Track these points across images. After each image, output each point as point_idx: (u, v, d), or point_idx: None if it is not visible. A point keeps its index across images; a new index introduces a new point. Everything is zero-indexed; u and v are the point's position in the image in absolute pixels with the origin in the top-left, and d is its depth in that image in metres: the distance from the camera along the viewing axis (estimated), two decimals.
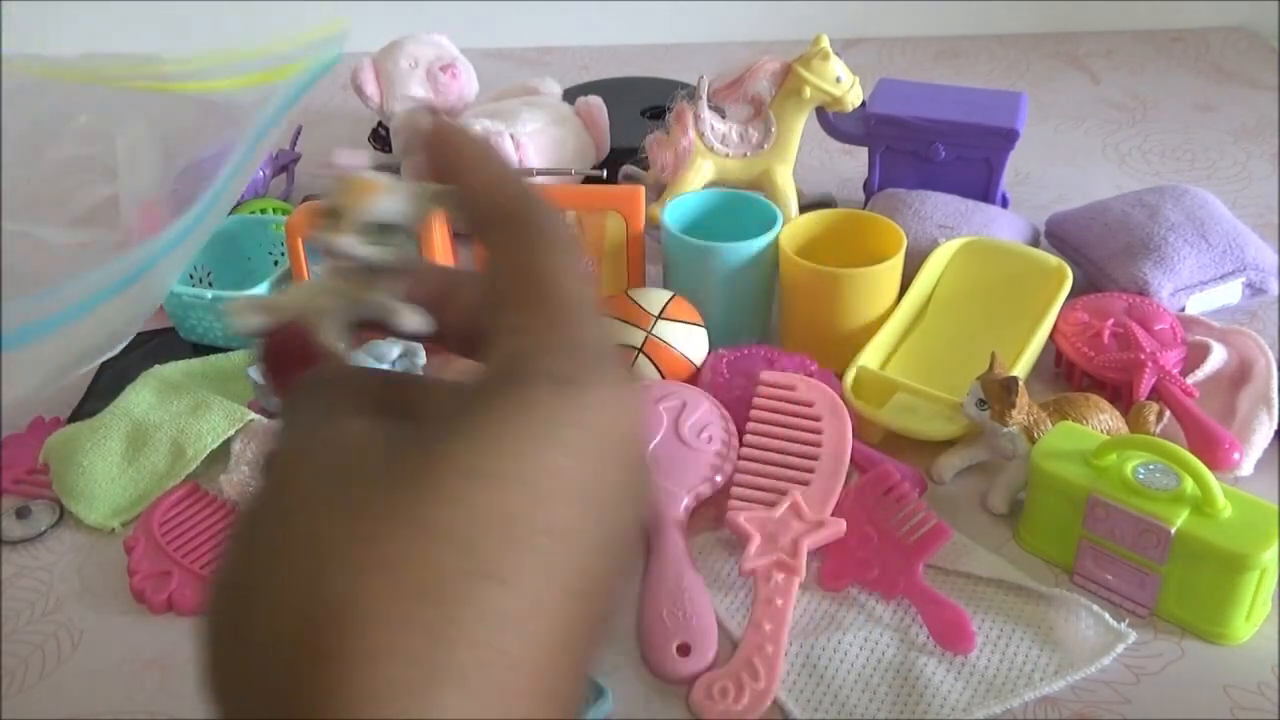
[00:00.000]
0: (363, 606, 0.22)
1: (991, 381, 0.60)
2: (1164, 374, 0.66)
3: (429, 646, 0.21)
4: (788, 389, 0.62)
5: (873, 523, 0.57)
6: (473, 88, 0.93)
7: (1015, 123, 0.80)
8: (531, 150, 0.83)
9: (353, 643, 0.21)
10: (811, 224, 0.74)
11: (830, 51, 0.78)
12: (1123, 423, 0.62)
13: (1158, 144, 1.00)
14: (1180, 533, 0.52)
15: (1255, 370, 0.68)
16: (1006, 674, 0.52)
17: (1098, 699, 0.52)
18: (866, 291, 0.69)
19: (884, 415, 0.65)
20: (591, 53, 1.21)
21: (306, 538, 0.23)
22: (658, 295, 0.69)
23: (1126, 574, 0.55)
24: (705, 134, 0.79)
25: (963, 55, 1.18)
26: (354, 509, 0.23)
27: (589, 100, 0.88)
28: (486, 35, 1.19)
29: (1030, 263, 0.72)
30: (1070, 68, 1.15)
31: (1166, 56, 1.16)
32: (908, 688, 0.52)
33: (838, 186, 0.91)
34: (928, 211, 0.78)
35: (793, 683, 0.52)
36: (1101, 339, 0.68)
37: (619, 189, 0.74)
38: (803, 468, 0.59)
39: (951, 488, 0.63)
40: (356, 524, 0.23)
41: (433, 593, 0.22)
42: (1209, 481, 0.52)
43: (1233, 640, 0.54)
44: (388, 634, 0.21)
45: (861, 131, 0.83)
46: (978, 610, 0.55)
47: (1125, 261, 0.74)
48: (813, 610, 0.56)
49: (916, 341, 0.71)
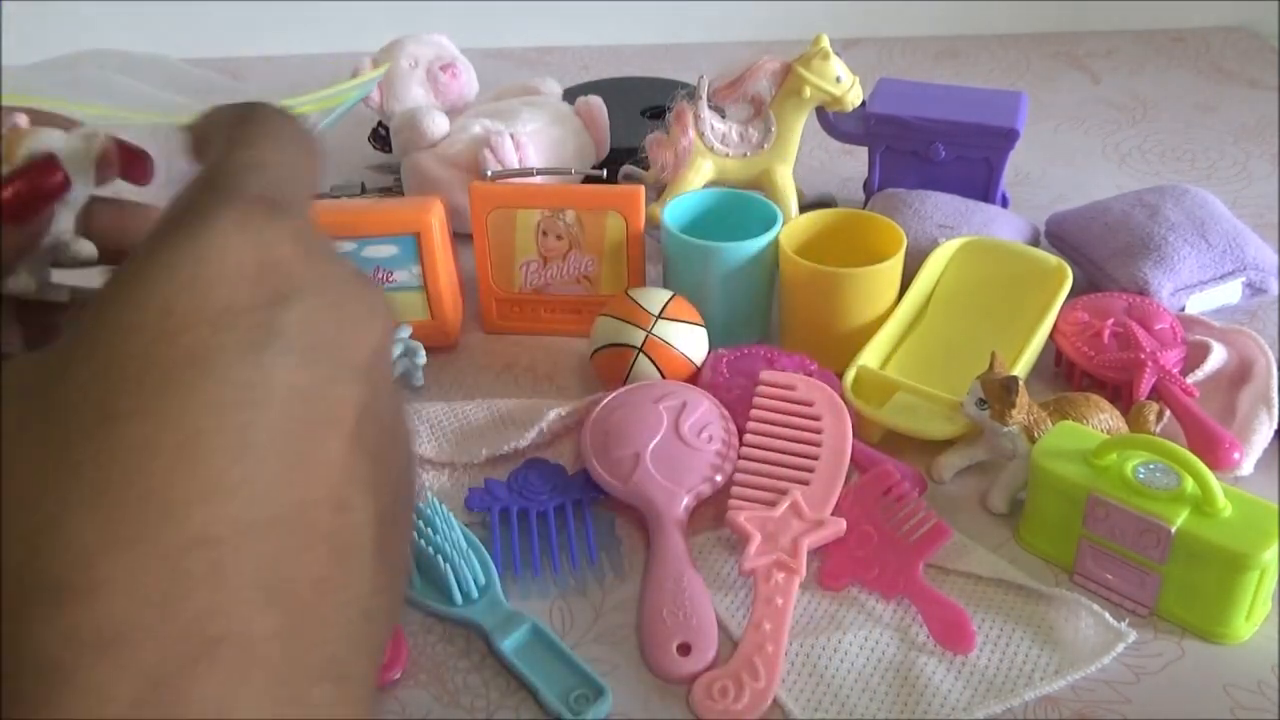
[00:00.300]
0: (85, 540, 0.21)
1: (991, 381, 0.60)
2: (1164, 374, 0.66)
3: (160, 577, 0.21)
4: (788, 389, 0.62)
5: (873, 522, 0.57)
6: (473, 88, 0.93)
7: (1015, 123, 0.80)
8: (531, 150, 0.83)
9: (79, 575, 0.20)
10: (811, 224, 0.74)
11: (830, 51, 0.78)
12: (1123, 422, 0.62)
13: (1158, 144, 1.00)
14: (1180, 532, 0.52)
15: (1255, 370, 0.68)
16: (1007, 674, 0.52)
17: (1098, 699, 0.52)
18: (866, 291, 0.69)
19: (884, 415, 0.65)
20: (591, 53, 1.21)
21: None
22: (658, 295, 0.69)
23: (1126, 574, 0.55)
24: (705, 134, 0.79)
25: (963, 55, 1.18)
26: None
27: (589, 100, 0.88)
28: (486, 35, 1.19)
29: (1030, 262, 0.72)
30: (1070, 68, 1.15)
31: (1166, 56, 1.16)
32: (908, 687, 0.52)
33: (838, 186, 0.91)
34: (928, 211, 0.78)
35: (793, 682, 0.52)
36: (1101, 339, 0.68)
37: (619, 189, 0.74)
38: (803, 467, 0.59)
39: (951, 488, 0.63)
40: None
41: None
42: (1209, 481, 0.52)
43: (1233, 640, 0.54)
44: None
45: (861, 131, 0.83)
46: (978, 610, 0.55)
47: (1125, 261, 0.74)
48: (813, 610, 0.56)
49: (916, 341, 0.71)
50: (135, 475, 0.21)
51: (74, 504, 0.21)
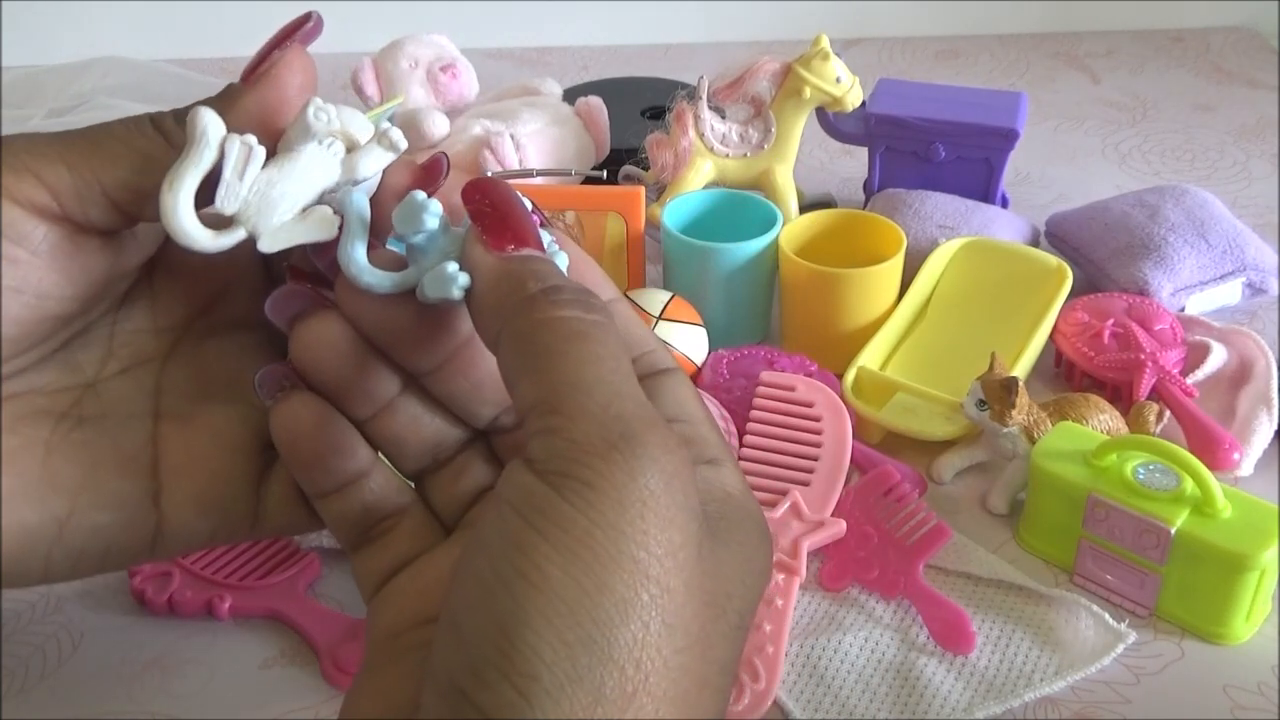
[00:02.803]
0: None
1: (991, 382, 0.60)
2: (1164, 374, 0.66)
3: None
4: (788, 389, 0.62)
5: (873, 523, 0.57)
6: (473, 88, 0.93)
7: (1015, 123, 0.80)
8: (531, 150, 0.83)
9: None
10: (811, 224, 0.74)
11: (830, 51, 0.78)
12: (1123, 423, 0.62)
13: (1158, 144, 1.00)
14: (1180, 533, 0.52)
15: (1255, 370, 0.68)
16: (1006, 674, 0.52)
17: (1098, 699, 0.52)
18: (866, 291, 0.69)
19: (884, 415, 0.65)
20: (591, 53, 1.21)
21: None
22: (658, 295, 0.69)
23: (1126, 574, 0.55)
24: (705, 134, 0.79)
25: (963, 55, 1.18)
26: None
27: (589, 100, 0.88)
28: (486, 35, 1.19)
29: (1030, 263, 0.72)
30: (1070, 68, 1.15)
31: (1166, 56, 1.16)
32: (908, 688, 0.52)
33: (838, 186, 0.91)
34: (928, 211, 0.78)
35: (793, 683, 0.52)
36: (1101, 339, 0.68)
37: (619, 189, 0.74)
38: (803, 468, 0.59)
39: (951, 488, 0.63)
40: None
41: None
42: (1209, 481, 0.52)
43: (1233, 640, 0.54)
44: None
45: (861, 131, 0.83)
46: (978, 610, 0.55)
47: (1125, 261, 0.74)
48: (813, 610, 0.56)
49: (916, 341, 0.71)
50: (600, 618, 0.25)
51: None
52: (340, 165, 0.31)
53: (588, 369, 0.27)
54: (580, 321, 0.27)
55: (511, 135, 0.82)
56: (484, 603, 0.25)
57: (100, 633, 0.57)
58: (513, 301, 0.28)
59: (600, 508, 0.25)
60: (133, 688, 0.54)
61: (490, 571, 0.25)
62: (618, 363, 0.27)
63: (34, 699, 0.54)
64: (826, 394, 0.62)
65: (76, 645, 0.56)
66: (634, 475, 0.25)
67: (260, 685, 0.53)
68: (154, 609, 0.57)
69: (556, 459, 0.26)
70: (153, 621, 0.57)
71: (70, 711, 0.53)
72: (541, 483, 0.25)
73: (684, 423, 0.30)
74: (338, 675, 0.53)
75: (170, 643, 0.56)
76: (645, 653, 0.25)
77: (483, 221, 0.29)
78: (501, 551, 0.25)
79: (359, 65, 0.91)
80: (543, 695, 0.24)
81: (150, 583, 0.57)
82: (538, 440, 0.26)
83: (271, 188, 0.30)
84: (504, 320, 0.28)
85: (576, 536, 0.25)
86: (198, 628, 0.56)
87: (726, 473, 0.30)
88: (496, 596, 0.25)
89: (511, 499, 0.26)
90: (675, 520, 0.26)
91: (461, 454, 0.33)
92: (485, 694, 0.24)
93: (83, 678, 0.54)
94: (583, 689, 0.24)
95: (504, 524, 0.26)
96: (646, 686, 0.25)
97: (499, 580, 0.25)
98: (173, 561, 0.57)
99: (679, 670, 0.25)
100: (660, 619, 0.25)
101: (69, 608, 0.58)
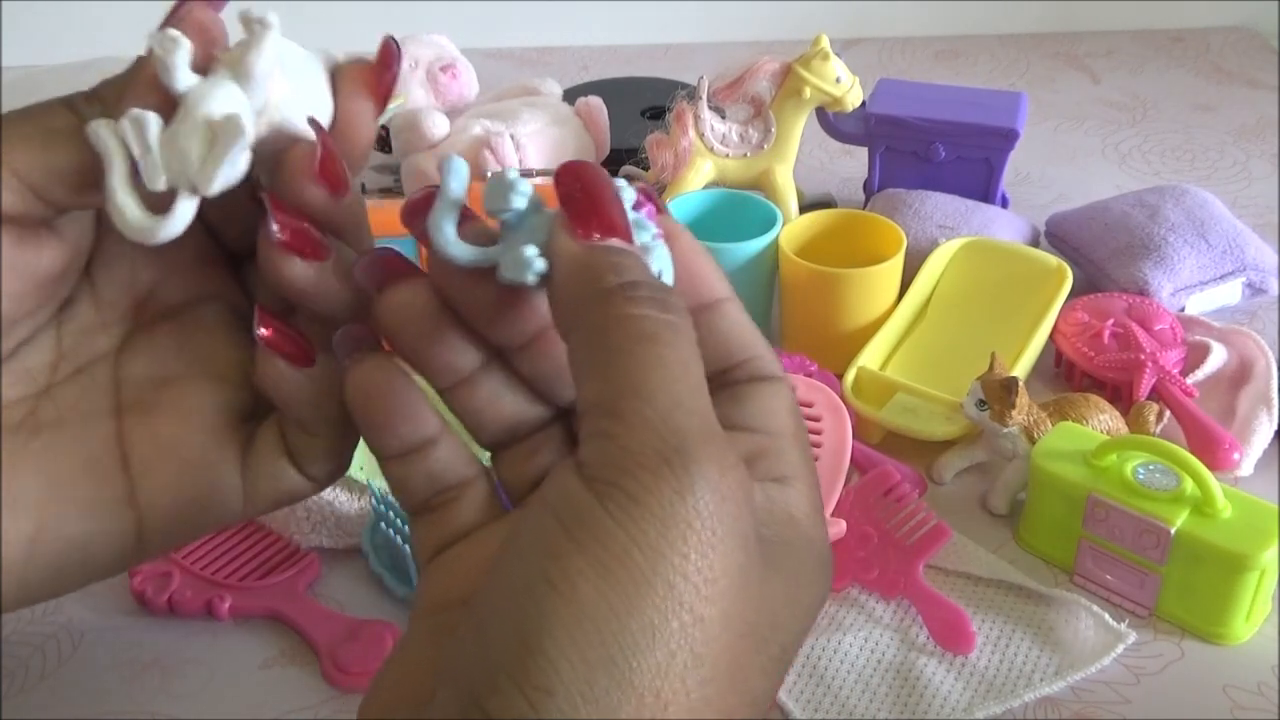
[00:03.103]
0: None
1: (991, 382, 0.60)
2: (1164, 374, 0.66)
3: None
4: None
5: (873, 523, 0.57)
6: (473, 88, 0.93)
7: (1015, 123, 0.80)
8: (531, 151, 0.83)
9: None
10: (811, 224, 0.74)
11: (830, 52, 0.78)
12: (1123, 423, 0.62)
13: (1158, 144, 1.00)
14: (1180, 533, 0.52)
15: (1255, 370, 0.68)
16: (1006, 674, 0.52)
17: (1098, 699, 0.52)
18: (866, 291, 0.69)
19: (884, 415, 0.65)
20: (591, 53, 1.21)
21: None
22: None
23: (1126, 574, 0.55)
24: (705, 134, 0.79)
25: (963, 55, 1.18)
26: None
27: (589, 100, 0.88)
28: (486, 35, 1.19)
29: (1030, 263, 0.72)
30: (1070, 68, 1.15)
31: (1166, 56, 1.16)
32: (908, 688, 0.52)
33: (838, 186, 0.91)
34: (928, 211, 0.78)
35: (793, 683, 0.52)
36: (1101, 339, 0.68)
37: None
38: None
39: (951, 488, 0.63)
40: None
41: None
42: (1209, 482, 0.52)
43: (1233, 640, 0.54)
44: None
45: (861, 131, 0.83)
46: (978, 610, 0.55)
47: (1125, 261, 0.74)
48: None
49: (916, 341, 0.71)
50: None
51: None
52: (228, 75, 0.30)
53: (652, 374, 0.25)
54: (653, 322, 0.26)
55: (511, 135, 0.82)
56: (510, 607, 0.24)
57: (100, 633, 0.57)
58: (588, 293, 0.26)
59: (642, 525, 0.24)
60: (133, 688, 0.54)
61: (521, 576, 0.25)
62: (685, 369, 0.26)
63: (34, 699, 0.54)
64: (826, 394, 0.61)
65: (76, 645, 0.56)
66: (683, 494, 0.24)
67: (260, 685, 0.53)
68: (154, 609, 0.57)
69: (606, 466, 0.25)
70: (153, 621, 0.57)
71: (70, 711, 0.53)
72: (586, 490, 0.25)
73: (762, 434, 0.29)
74: (338, 675, 0.53)
75: (170, 643, 0.56)
76: (667, 682, 0.24)
77: (571, 206, 0.27)
78: (534, 558, 0.25)
79: None
80: (554, 711, 0.23)
81: (150, 583, 0.57)
82: (591, 444, 0.25)
83: (178, 139, 0.29)
84: (578, 312, 0.27)
85: (614, 553, 0.24)
86: (198, 628, 0.56)
87: (794, 494, 0.29)
88: (523, 603, 0.24)
89: (554, 503, 0.25)
90: (720, 546, 0.25)
91: (540, 432, 0.32)
92: (496, 699, 0.24)
93: (83, 678, 0.54)
94: (596, 710, 0.23)
95: (542, 529, 0.25)
96: (665, 715, 0.24)
97: (527, 587, 0.24)
98: (173, 561, 0.57)
99: (701, 702, 0.25)
100: (689, 649, 0.24)
101: (69, 608, 0.58)
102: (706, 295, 0.30)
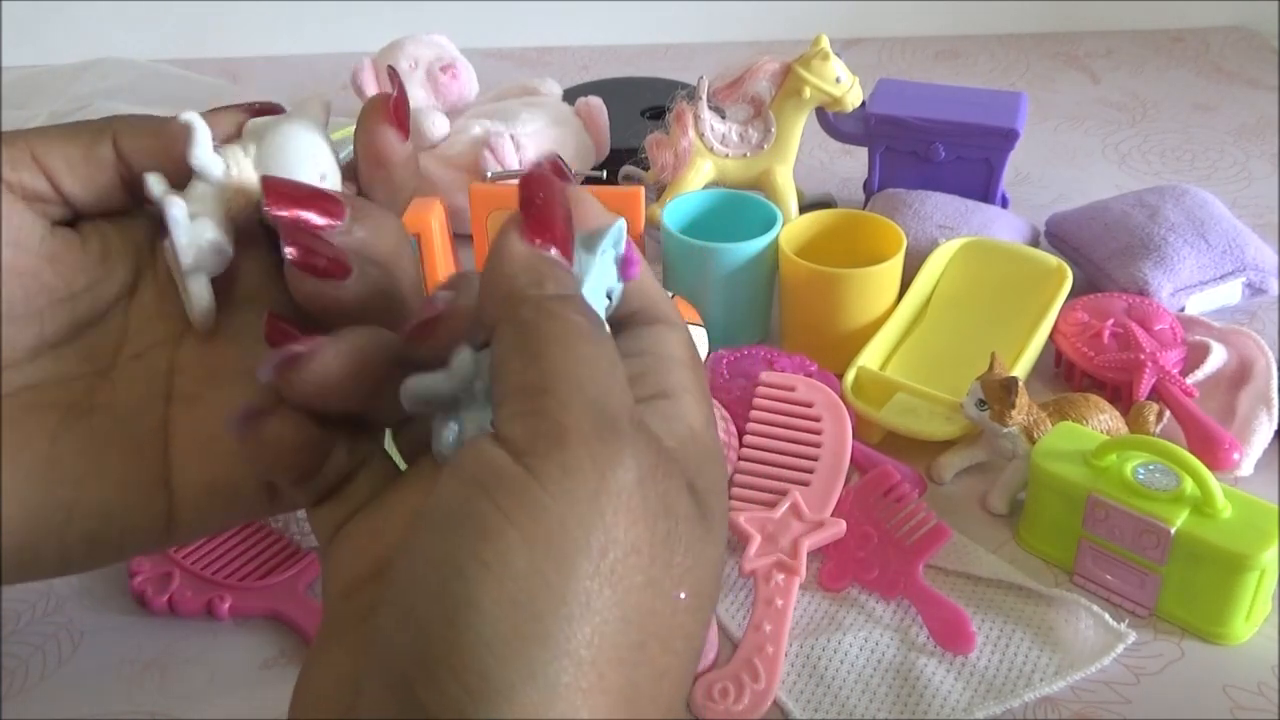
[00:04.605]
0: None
1: (991, 382, 0.60)
2: (1164, 374, 0.66)
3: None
4: (788, 389, 0.62)
5: (873, 523, 0.57)
6: (473, 88, 0.93)
7: (1015, 123, 0.80)
8: (531, 151, 0.83)
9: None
10: (811, 224, 0.74)
11: (830, 52, 0.78)
12: (1123, 423, 0.62)
13: (1158, 144, 1.00)
14: (1180, 533, 0.52)
15: (1255, 370, 0.68)
16: (1006, 674, 0.52)
17: (1098, 699, 0.52)
18: (866, 291, 0.69)
19: (884, 415, 0.65)
20: (591, 53, 1.21)
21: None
22: None
23: (1126, 574, 0.55)
24: (705, 134, 0.79)
25: (963, 55, 1.18)
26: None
27: (589, 100, 0.88)
28: (486, 35, 1.19)
29: (1030, 263, 0.72)
30: (1070, 68, 1.15)
31: (1166, 56, 1.16)
32: (908, 688, 0.52)
33: (838, 186, 0.91)
34: (928, 211, 0.78)
35: (793, 683, 0.52)
36: (1101, 339, 0.68)
37: (619, 189, 0.74)
38: (803, 468, 0.59)
39: (951, 488, 0.63)
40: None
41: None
42: (1209, 482, 0.52)
43: (1233, 640, 0.54)
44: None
45: (861, 131, 0.83)
46: (978, 610, 0.55)
47: (1125, 261, 0.74)
48: (813, 610, 0.56)
49: (916, 341, 0.71)
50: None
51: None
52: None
53: (585, 366, 0.26)
54: (586, 327, 0.27)
55: (511, 135, 0.82)
56: (439, 591, 0.24)
57: (100, 633, 0.57)
58: (527, 293, 0.27)
59: (576, 495, 0.24)
60: (133, 688, 0.54)
61: (447, 556, 0.24)
62: (614, 369, 0.27)
63: (34, 699, 0.54)
64: (826, 394, 0.61)
65: (76, 645, 0.56)
66: (614, 466, 0.25)
67: (260, 685, 0.53)
68: (154, 609, 0.57)
69: (538, 440, 0.25)
70: (153, 621, 0.57)
71: (70, 711, 0.53)
72: (516, 464, 0.25)
73: (650, 356, 0.30)
74: None
75: (170, 643, 0.56)
76: (602, 650, 0.24)
77: (530, 212, 0.28)
78: (464, 537, 0.24)
79: (359, 65, 0.91)
80: (491, 695, 0.23)
81: (150, 583, 0.57)
82: (518, 421, 0.25)
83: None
84: (513, 305, 0.27)
85: (547, 526, 0.24)
86: (198, 628, 0.56)
87: (686, 406, 0.30)
88: (452, 587, 0.24)
89: (481, 479, 0.25)
90: (649, 513, 0.25)
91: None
92: (432, 691, 0.23)
93: (83, 678, 0.54)
94: (535, 686, 0.23)
95: (466, 504, 0.25)
96: (602, 683, 0.24)
97: (457, 570, 0.24)
98: (173, 561, 0.57)
99: (635, 664, 0.25)
100: (621, 615, 0.25)
101: (69, 608, 0.58)
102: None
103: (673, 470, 0.27)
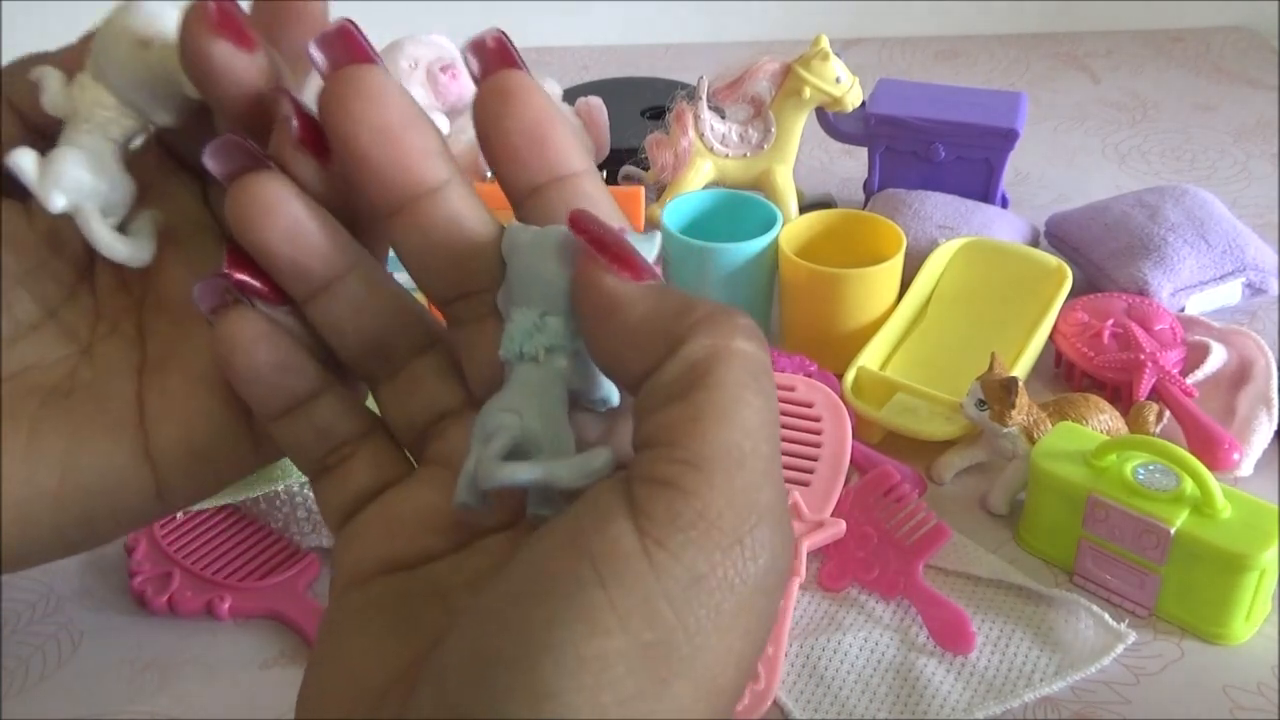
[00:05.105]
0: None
1: (991, 382, 0.60)
2: (1164, 374, 0.66)
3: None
4: (788, 389, 0.62)
5: (873, 523, 0.57)
6: (472, 88, 0.93)
7: (1015, 123, 0.80)
8: None
9: None
10: (811, 224, 0.74)
11: (830, 52, 0.78)
12: (1123, 423, 0.62)
13: (1158, 144, 1.00)
14: (1180, 533, 0.52)
15: (1255, 370, 0.68)
16: (1006, 674, 0.52)
17: (1098, 699, 0.52)
18: (866, 292, 0.69)
19: (884, 415, 0.65)
20: (591, 53, 1.21)
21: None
22: None
23: (1126, 574, 0.55)
24: (705, 134, 0.79)
25: (963, 55, 1.18)
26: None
27: (589, 100, 0.88)
28: None
29: (1030, 263, 0.72)
30: (1070, 68, 1.15)
31: (1166, 56, 1.16)
32: (908, 688, 0.52)
33: (838, 186, 0.91)
34: (928, 211, 0.78)
35: (793, 683, 0.52)
36: (1101, 339, 0.68)
37: (619, 189, 0.74)
38: (803, 468, 0.59)
39: (951, 488, 0.63)
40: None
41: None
42: (1209, 482, 0.52)
43: (1232, 640, 0.54)
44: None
45: (861, 131, 0.83)
46: (978, 610, 0.55)
47: (1125, 261, 0.74)
48: (813, 611, 0.56)
49: (916, 342, 0.71)
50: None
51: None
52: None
53: (747, 440, 0.23)
54: (749, 378, 0.24)
55: None
56: (521, 656, 0.22)
57: (100, 633, 0.57)
58: (689, 325, 0.24)
59: (696, 607, 0.22)
60: (133, 688, 0.54)
61: (540, 624, 0.22)
62: (774, 431, 0.24)
63: (34, 699, 0.54)
64: (826, 394, 0.62)
65: (76, 645, 0.56)
66: (745, 576, 0.23)
67: (260, 685, 0.53)
68: (154, 609, 0.57)
69: (673, 528, 0.22)
70: (153, 621, 0.57)
71: (70, 711, 0.53)
72: (640, 549, 0.22)
73: None
74: None
75: (170, 643, 0.56)
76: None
77: (606, 252, 0.26)
78: (562, 610, 0.22)
79: None
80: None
81: (150, 583, 0.57)
82: (659, 493, 0.23)
83: (54, 164, 0.31)
84: (679, 339, 0.24)
85: (659, 635, 0.22)
86: (198, 628, 0.56)
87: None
88: (540, 659, 0.22)
89: (595, 553, 0.22)
90: (758, 628, 0.24)
91: (416, 361, 0.30)
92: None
93: (83, 678, 0.54)
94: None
95: (571, 579, 0.22)
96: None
97: (541, 642, 0.22)
98: (173, 561, 0.58)
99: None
100: (707, 707, 0.23)
101: (69, 608, 0.58)
102: (563, 168, 0.29)
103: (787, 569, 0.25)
